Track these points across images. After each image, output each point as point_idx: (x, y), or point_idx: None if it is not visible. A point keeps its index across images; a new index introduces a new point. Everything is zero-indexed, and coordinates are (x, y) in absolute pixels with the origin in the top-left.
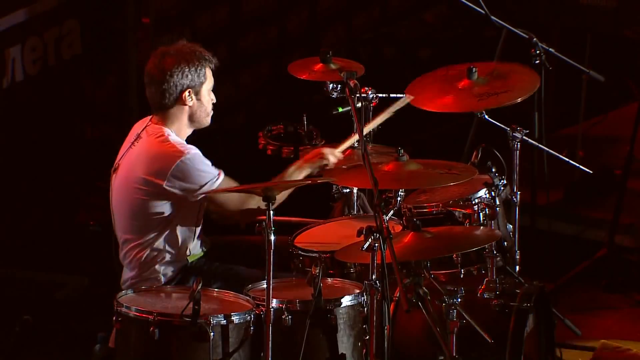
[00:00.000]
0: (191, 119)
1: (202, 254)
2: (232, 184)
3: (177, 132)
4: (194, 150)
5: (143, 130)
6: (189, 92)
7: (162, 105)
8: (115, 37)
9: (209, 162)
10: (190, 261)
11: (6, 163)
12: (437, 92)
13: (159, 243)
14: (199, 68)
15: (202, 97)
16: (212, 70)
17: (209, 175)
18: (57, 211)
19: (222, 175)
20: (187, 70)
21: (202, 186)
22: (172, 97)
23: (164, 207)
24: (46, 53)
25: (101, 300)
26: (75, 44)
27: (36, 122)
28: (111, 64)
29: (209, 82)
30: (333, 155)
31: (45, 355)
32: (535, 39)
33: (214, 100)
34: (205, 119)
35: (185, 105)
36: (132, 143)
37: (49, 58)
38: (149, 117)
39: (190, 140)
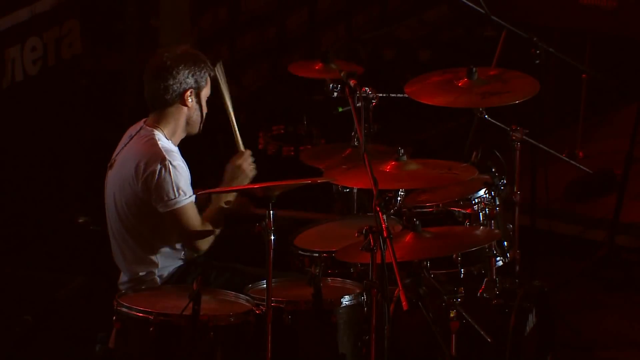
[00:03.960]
0: (187, 122)
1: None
2: (194, 212)
3: (171, 134)
4: (177, 163)
5: (137, 132)
6: (191, 92)
7: (163, 102)
8: (115, 37)
9: (188, 181)
10: (187, 259)
11: (6, 163)
12: (438, 89)
13: (152, 243)
14: (203, 72)
15: (201, 101)
16: (210, 79)
17: (180, 193)
18: (57, 211)
19: (192, 199)
20: (193, 70)
21: (169, 200)
22: (175, 95)
23: (150, 207)
24: (46, 53)
25: (101, 300)
26: (75, 44)
27: (36, 122)
28: (111, 64)
29: (207, 89)
30: (245, 160)
31: (45, 355)
32: (535, 39)
33: (206, 110)
34: (198, 126)
35: (185, 105)
36: (126, 144)
37: (49, 58)
38: (143, 120)
39: (189, 139)
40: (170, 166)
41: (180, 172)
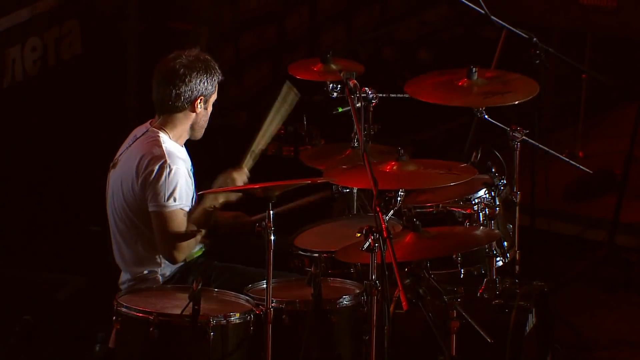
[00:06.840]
0: (193, 127)
1: (201, 252)
2: (182, 220)
3: (177, 137)
4: (178, 168)
5: (143, 134)
6: (201, 100)
7: (172, 108)
8: (115, 37)
9: (186, 187)
10: (188, 260)
11: (6, 163)
12: (438, 89)
13: (153, 242)
14: (214, 78)
15: (208, 107)
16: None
17: (171, 198)
18: (58, 211)
19: (182, 207)
20: (205, 78)
21: (158, 202)
22: (185, 102)
23: (146, 205)
24: (46, 53)
25: (101, 300)
26: (75, 44)
27: (36, 122)
28: (111, 64)
29: (215, 94)
30: (241, 177)
31: (45, 355)
32: (535, 39)
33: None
34: (202, 131)
35: (194, 112)
36: (130, 144)
37: (49, 58)
38: (150, 121)
39: (188, 142)
40: (168, 169)
41: (178, 177)
